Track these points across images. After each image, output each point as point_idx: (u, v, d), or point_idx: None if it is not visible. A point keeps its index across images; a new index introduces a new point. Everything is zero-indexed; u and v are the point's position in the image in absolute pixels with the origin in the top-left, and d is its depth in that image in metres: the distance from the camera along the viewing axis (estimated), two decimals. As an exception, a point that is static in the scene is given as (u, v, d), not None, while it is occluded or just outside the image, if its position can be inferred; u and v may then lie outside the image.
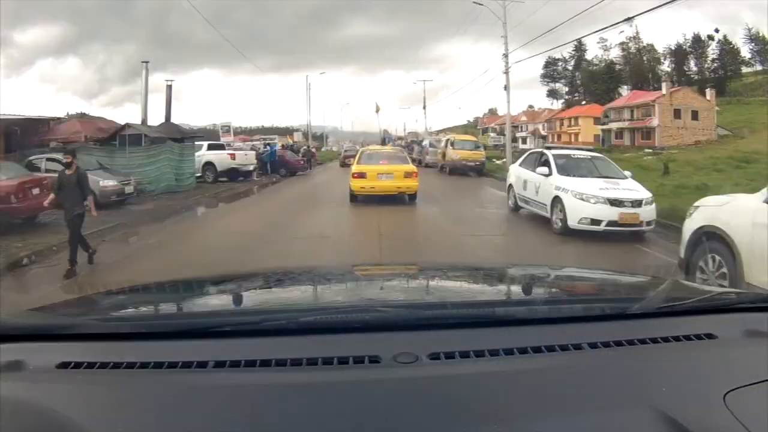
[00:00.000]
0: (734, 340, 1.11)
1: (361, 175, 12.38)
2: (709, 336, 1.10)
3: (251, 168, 21.40)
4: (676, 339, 1.08)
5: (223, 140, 23.79)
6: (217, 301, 1.57)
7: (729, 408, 0.83)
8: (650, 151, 35.09)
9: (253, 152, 22.91)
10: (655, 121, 46.52)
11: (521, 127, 65.40)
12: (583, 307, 1.26)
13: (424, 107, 53.60)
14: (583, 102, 62.44)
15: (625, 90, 62.88)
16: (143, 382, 0.94)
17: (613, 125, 51.15)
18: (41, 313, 1.30)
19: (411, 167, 12.91)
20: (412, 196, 12.60)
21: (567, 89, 70.83)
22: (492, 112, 76.10)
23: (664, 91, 48.59)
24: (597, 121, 54.67)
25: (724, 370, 0.99)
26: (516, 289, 1.70)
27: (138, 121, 19.70)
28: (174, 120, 21.59)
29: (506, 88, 21.36)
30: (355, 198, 12.55)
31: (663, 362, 1.02)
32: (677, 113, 46.61)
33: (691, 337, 1.09)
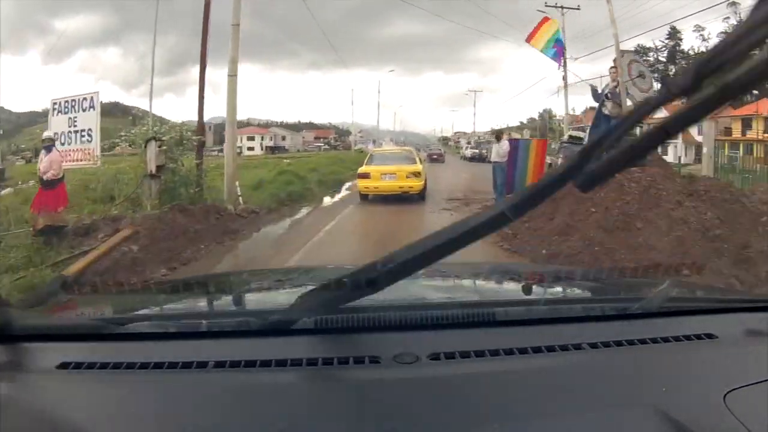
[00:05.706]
0: (734, 340, 1.11)
1: (365, 176, 13.04)
2: (709, 336, 1.10)
3: None
4: (677, 339, 1.08)
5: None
6: (217, 301, 1.57)
7: (729, 408, 0.83)
8: None
9: None
10: None
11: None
12: (583, 307, 1.25)
13: (567, 67, 21.37)
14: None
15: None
16: (144, 383, 0.94)
17: None
18: (41, 313, 1.30)
19: (416, 167, 13.29)
20: (421, 195, 12.99)
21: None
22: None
23: None
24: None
25: (724, 370, 0.99)
26: (516, 289, 1.69)
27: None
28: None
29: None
30: (365, 197, 13.11)
31: (663, 362, 1.02)
32: None
33: (692, 337, 1.09)
